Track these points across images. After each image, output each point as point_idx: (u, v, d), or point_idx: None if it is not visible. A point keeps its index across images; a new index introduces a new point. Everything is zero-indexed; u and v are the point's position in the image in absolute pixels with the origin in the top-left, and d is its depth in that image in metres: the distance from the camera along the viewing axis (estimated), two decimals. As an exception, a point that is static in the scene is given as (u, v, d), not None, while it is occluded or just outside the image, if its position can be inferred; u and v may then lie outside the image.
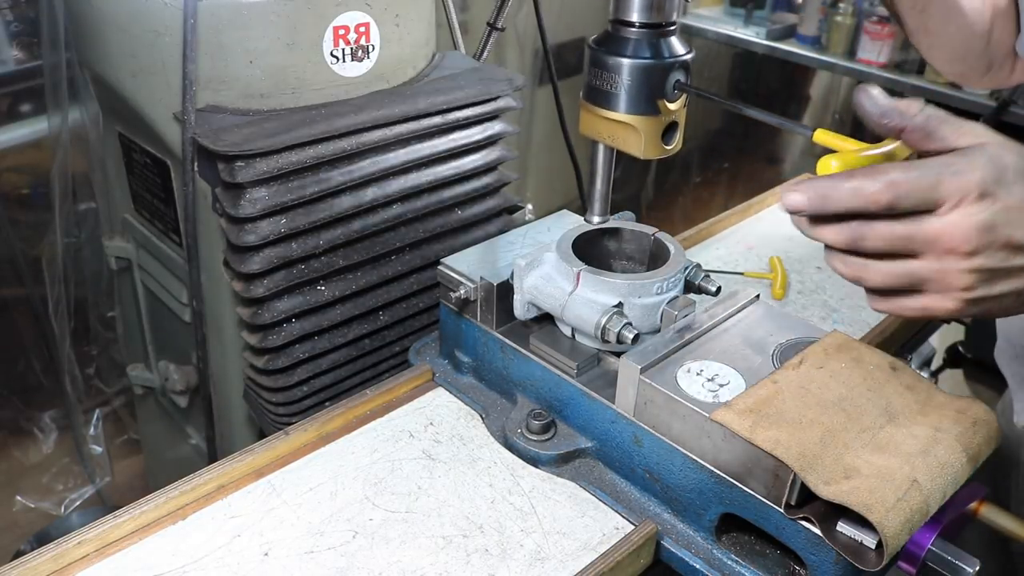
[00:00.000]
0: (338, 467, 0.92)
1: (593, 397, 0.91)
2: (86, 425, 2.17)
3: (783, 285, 1.28)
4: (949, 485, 0.75)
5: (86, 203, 1.85)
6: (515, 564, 0.81)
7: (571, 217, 1.14)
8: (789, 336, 0.91)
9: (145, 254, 1.47)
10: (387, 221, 1.23)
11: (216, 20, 1.09)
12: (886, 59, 2.96)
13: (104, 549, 0.81)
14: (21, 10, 1.68)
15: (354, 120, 1.14)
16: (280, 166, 1.09)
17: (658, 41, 0.82)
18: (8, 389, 2.06)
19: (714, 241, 1.42)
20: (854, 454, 0.75)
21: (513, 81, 1.31)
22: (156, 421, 1.74)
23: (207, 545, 0.82)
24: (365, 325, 1.27)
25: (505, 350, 0.99)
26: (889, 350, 0.95)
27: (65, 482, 2.18)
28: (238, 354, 1.28)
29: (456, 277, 1.00)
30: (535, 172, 2.84)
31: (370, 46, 1.19)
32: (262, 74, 1.13)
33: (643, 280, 0.91)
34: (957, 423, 0.79)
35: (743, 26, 3.32)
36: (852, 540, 0.73)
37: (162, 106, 1.15)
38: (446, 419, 1.00)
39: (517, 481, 0.91)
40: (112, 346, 2.06)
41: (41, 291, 1.90)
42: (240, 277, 1.14)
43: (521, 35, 2.57)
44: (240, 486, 0.89)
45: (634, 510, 0.88)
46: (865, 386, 0.82)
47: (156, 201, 1.33)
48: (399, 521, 0.85)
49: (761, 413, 0.77)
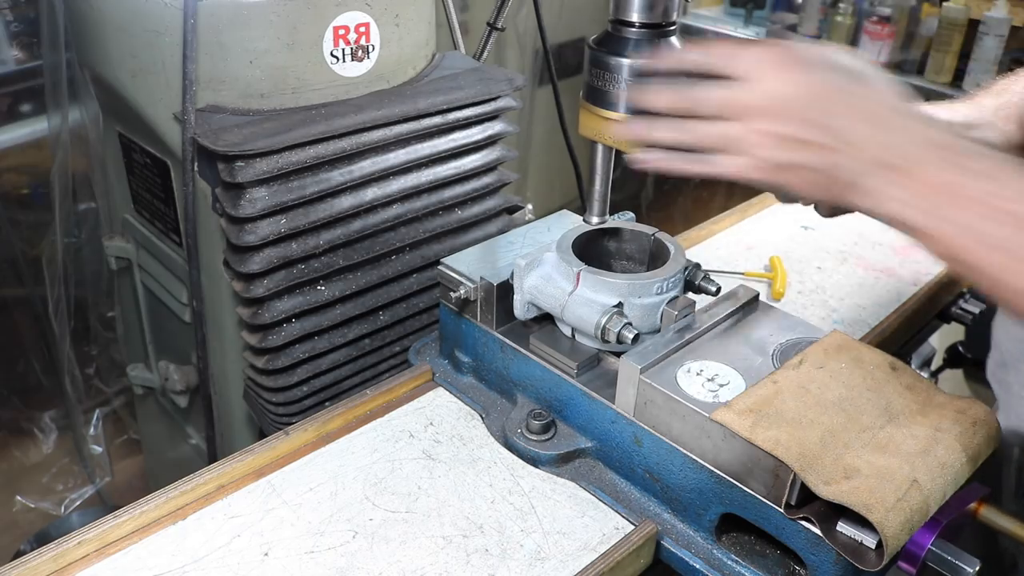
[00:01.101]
0: (338, 467, 0.92)
1: (593, 397, 0.91)
2: (86, 425, 2.17)
3: (783, 285, 1.28)
4: (949, 485, 0.75)
5: (86, 203, 1.84)
6: (515, 564, 0.81)
7: (571, 217, 1.14)
8: (789, 336, 0.91)
9: (145, 254, 1.47)
10: (387, 221, 1.23)
11: (216, 20, 1.09)
12: (886, 59, 2.95)
13: (104, 549, 0.81)
14: (21, 10, 1.68)
15: (354, 120, 1.14)
16: (280, 166, 1.09)
17: (658, 41, 0.81)
18: (8, 389, 2.06)
19: (714, 241, 1.42)
20: (854, 454, 0.75)
21: (513, 81, 1.31)
22: (156, 421, 1.74)
23: (207, 545, 0.82)
24: (365, 325, 1.27)
25: (505, 350, 0.99)
26: (889, 350, 0.95)
27: (65, 482, 2.17)
28: (238, 354, 1.28)
29: (456, 277, 1.00)
30: (535, 172, 2.84)
31: (370, 46, 1.19)
32: (262, 74, 1.13)
33: (643, 280, 0.91)
34: (957, 423, 0.79)
35: (743, 26, 3.32)
36: (852, 540, 0.73)
37: (162, 106, 1.15)
38: (446, 419, 1.00)
39: (517, 481, 0.91)
40: (112, 346, 2.06)
41: (41, 291, 1.90)
42: (240, 277, 1.14)
43: (521, 35, 2.57)
44: (240, 486, 0.89)
45: (634, 510, 0.88)
46: (865, 386, 0.82)
47: (156, 201, 1.33)
48: (399, 521, 0.85)
49: (761, 413, 0.77)
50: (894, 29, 2.93)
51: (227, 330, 1.27)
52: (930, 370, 1.42)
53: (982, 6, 2.70)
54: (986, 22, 2.65)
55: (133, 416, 2.05)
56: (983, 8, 2.68)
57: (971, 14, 2.72)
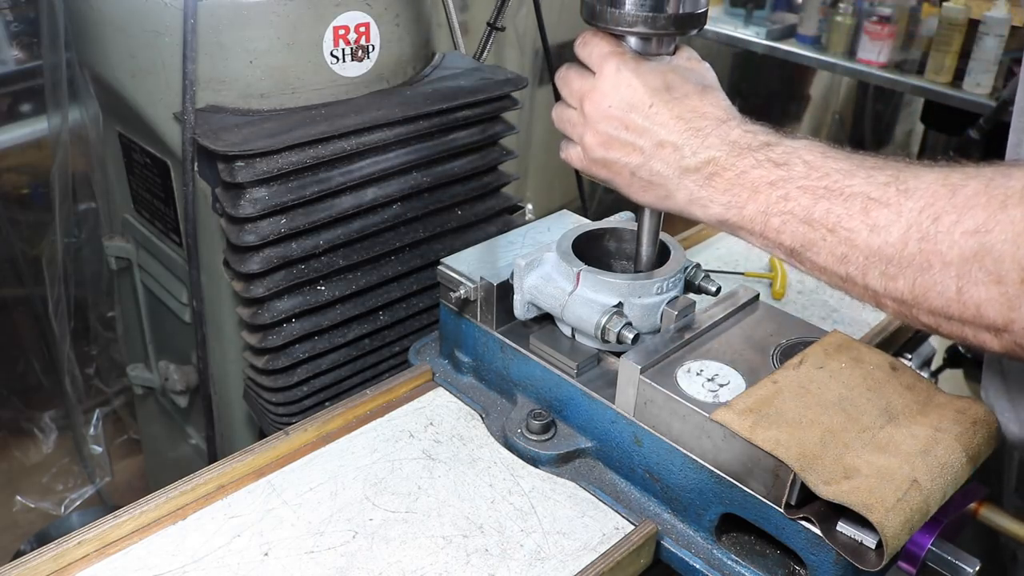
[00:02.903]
0: (338, 467, 0.92)
1: (593, 397, 0.91)
2: (86, 425, 2.17)
3: (783, 285, 1.28)
4: (949, 485, 0.75)
5: (86, 203, 1.84)
6: (515, 564, 0.81)
7: (571, 217, 1.14)
8: (789, 336, 0.91)
9: (145, 254, 1.47)
10: (387, 221, 1.23)
11: (216, 20, 1.09)
12: (886, 59, 2.96)
13: (104, 549, 0.81)
14: (21, 10, 1.68)
15: (354, 120, 1.14)
16: (280, 166, 1.09)
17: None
18: (8, 389, 2.06)
19: (714, 241, 1.42)
20: (854, 454, 0.75)
21: (513, 81, 1.31)
22: (156, 421, 1.74)
23: (207, 545, 0.82)
24: (365, 325, 1.27)
25: (505, 350, 0.99)
26: (889, 350, 0.95)
27: (65, 482, 2.17)
28: (238, 354, 1.28)
29: (456, 277, 1.00)
30: (535, 172, 2.84)
31: (370, 46, 1.19)
32: (262, 74, 1.13)
33: (643, 280, 0.91)
34: (957, 423, 0.79)
35: (743, 26, 3.32)
36: (852, 540, 0.73)
37: (162, 106, 1.15)
38: (446, 419, 1.00)
39: (517, 481, 0.91)
40: (112, 346, 2.06)
41: (41, 291, 1.90)
42: (240, 277, 1.14)
43: (521, 35, 2.57)
44: (240, 486, 0.89)
45: (634, 510, 0.88)
46: (865, 386, 0.82)
47: (156, 201, 1.33)
48: (399, 521, 0.85)
49: (761, 413, 0.77)
50: (894, 29, 2.93)
51: (227, 330, 1.27)
52: (930, 370, 1.41)
53: (982, 6, 2.70)
54: (986, 22, 2.65)
55: (133, 416, 2.05)
56: (983, 8, 2.69)
57: (971, 14, 2.72)
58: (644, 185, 0.79)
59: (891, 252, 0.64)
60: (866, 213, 0.65)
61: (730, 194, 0.73)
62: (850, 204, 0.66)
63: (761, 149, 0.72)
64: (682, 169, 0.75)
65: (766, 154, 0.72)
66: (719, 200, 0.74)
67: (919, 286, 0.64)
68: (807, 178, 0.69)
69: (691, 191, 0.75)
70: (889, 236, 0.64)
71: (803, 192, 0.69)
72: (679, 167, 0.75)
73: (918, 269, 0.63)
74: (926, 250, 0.62)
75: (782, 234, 0.70)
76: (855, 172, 0.68)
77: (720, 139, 0.74)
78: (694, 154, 0.74)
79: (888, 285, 0.66)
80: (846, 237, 0.67)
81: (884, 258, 0.65)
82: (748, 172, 0.72)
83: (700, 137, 0.75)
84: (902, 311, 0.67)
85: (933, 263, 0.62)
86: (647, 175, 0.77)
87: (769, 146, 0.72)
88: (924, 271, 0.63)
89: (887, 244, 0.64)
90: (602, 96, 0.78)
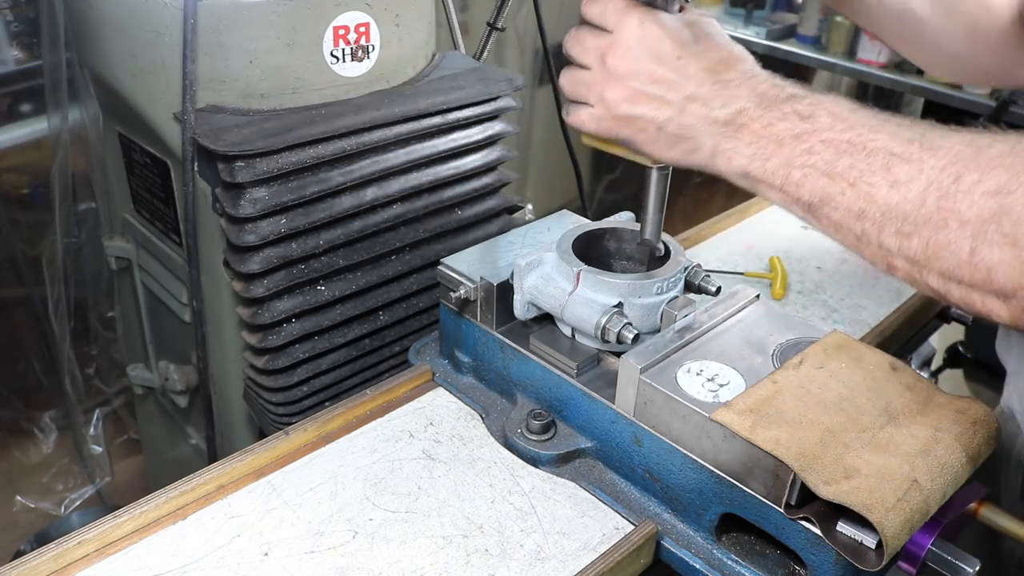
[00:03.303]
0: (338, 467, 0.92)
1: (593, 397, 0.91)
2: (86, 425, 2.17)
3: (783, 285, 1.28)
4: (949, 485, 0.75)
5: (86, 203, 1.84)
6: (515, 564, 0.81)
7: (571, 217, 1.14)
8: (789, 336, 0.91)
9: (145, 254, 1.47)
10: (387, 221, 1.23)
11: (216, 20, 1.09)
12: (886, 59, 2.95)
13: (104, 549, 0.81)
14: (21, 10, 1.68)
15: (354, 120, 1.14)
16: (280, 166, 1.09)
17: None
18: (8, 389, 2.06)
19: (714, 241, 1.42)
20: (854, 454, 0.75)
21: (513, 81, 1.31)
22: (156, 421, 1.74)
23: (207, 545, 0.82)
24: (365, 325, 1.27)
25: (505, 350, 0.99)
26: (889, 350, 0.95)
27: (65, 482, 2.17)
28: (238, 354, 1.28)
29: (456, 277, 1.00)
30: (535, 172, 2.84)
31: (370, 46, 1.19)
32: (262, 74, 1.13)
33: (643, 280, 0.91)
34: (957, 423, 0.79)
35: (743, 26, 3.32)
36: (852, 540, 0.73)
37: (162, 106, 1.15)
38: (446, 419, 1.00)
39: (517, 481, 0.91)
40: (112, 346, 2.06)
41: (41, 291, 1.90)
42: (240, 277, 1.14)
43: (521, 35, 2.57)
44: (240, 486, 0.89)
45: (634, 510, 0.88)
46: (865, 386, 0.82)
47: (156, 201, 1.33)
48: (399, 521, 0.85)
49: (761, 413, 0.77)
50: (894, 29, 2.92)
51: (227, 330, 1.27)
52: (930, 370, 1.41)
53: (982, 6, 2.69)
54: (986, 22, 2.64)
55: (133, 416, 2.05)
56: (983, 8, 2.68)
57: (971, 14, 2.71)
58: (671, 140, 0.77)
59: (909, 208, 0.64)
60: (888, 168, 0.65)
61: (756, 146, 0.72)
62: (872, 159, 0.66)
63: (788, 101, 0.72)
64: (711, 121, 0.74)
65: (792, 106, 0.71)
66: (744, 152, 0.73)
67: (933, 245, 0.63)
68: (831, 130, 0.69)
69: (717, 143, 0.75)
70: (909, 192, 0.64)
71: (826, 146, 0.68)
72: (708, 119, 0.74)
73: (934, 227, 0.62)
74: (944, 208, 0.62)
75: (802, 188, 0.70)
76: (880, 127, 0.67)
77: (750, 90, 0.73)
78: (724, 106, 0.74)
79: (902, 243, 0.65)
80: (866, 192, 0.66)
81: (901, 215, 0.64)
82: (774, 124, 0.71)
83: (730, 89, 0.74)
84: (912, 273, 0.66)
85: (950, 221, 0.61)
86: (675, 129, 0.76)
87: (796, 98, 0.72)
88: (940, 229, 0.62)
89: (905, 200, 0.64)
90: (626, 50, 0.76)
